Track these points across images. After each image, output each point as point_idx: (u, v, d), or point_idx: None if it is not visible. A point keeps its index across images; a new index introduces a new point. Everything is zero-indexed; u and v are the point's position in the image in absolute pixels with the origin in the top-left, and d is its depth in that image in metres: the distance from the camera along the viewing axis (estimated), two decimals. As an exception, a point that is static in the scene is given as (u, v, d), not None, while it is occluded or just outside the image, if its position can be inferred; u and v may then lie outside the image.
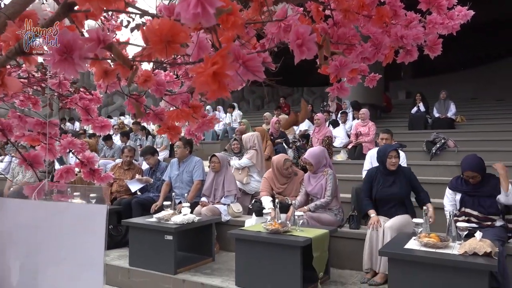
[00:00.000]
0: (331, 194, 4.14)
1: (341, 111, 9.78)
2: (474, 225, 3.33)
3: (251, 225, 4.22)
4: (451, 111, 8.85)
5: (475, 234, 2.83)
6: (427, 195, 3.80)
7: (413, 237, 3.11)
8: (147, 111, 1.35)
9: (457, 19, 1.25)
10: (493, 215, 3.39)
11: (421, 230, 3.10)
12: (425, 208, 3.37)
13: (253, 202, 4.76)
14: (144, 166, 6.29)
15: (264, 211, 4.04)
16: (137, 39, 0.96)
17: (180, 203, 4.85)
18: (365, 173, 4.85)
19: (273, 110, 10.98)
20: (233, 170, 5.67)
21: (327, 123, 8.29)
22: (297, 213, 3.66)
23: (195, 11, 0.55)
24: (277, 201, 4.03)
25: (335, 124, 8.82)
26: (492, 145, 6.86)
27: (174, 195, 4.70)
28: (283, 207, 4.20)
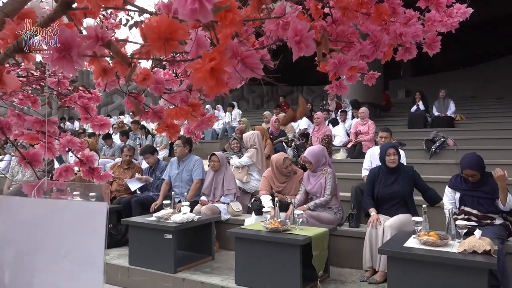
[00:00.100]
0: (330, 192, 4.15)
1: (340, 110, 9.79)
2: (473, 223, 3.33)
3: (251, 223, 4.22)
4: (451, 110, 8.85)
5: (475, 232, 2.83)
6: (435, 192, 3.79)
7: (413, 236, 3.12)
8: (146, 109, 1.35)
9: (456, 16, 1.25)
10: (492, 214, 3.39)
11: (421, 228, 3.10)
12: (424, 206, 3.36)
13: (252, 201, 4.76)
14: (143, 165, 6.30)
15: (263, 210, 4.05)
16: (136, 37, 0.96)
17: (179, 202, 4.86)
18: (368, 172, 4.87)
19: (272, 109, 10.99)
20: (233, 169, 5.67)
21: (326, 122, 8.29)
22: (297, 212, 3.66)
23: (193, 7, 0.55)
24: (276, 199, 4.03)
25: (334, 123, 8.82)
26: (491, 144, 6.86)
27: (173, 194, 4.70)
28: (283, 206, 4.21)
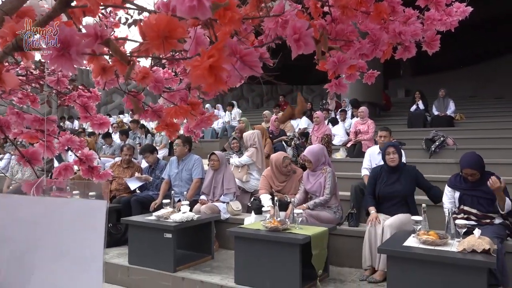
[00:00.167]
0: (330, 192, 4.15)
1: (340, 109, 9.79)
2: (473, 222, 3.33)
3: (250, 223, 4.23)
4: (450, 109, 8.85)
5: (474, 231, 2.84)
6: (439, 190, 3.79)
7: (412, 235, 3.12)
8: (145, 108, 1.35)
9: (455, 15, 1.25)
10: (492, 213, 3.39)
11: (420, 227, 3.11)
12: (424, 205, 3.36)
13: (252, 200, 4.77)
14: (143, 164, 6.30)
15: (263, 209, 4.05)
16: (135, 36, 0.96)
17: (179, 201, 4.86)
18: (367, 171, 4.88)
19: (272, 108, 10.99)
20: (233, 168, 5.67)
21: (326, 121, 8.29)
22: (296, 211, 3.66)
23: (191, 4, 0.55)
24: (276, 199, 4.03)
25: (334, 122, 8.82)
26: (491, 143, 6.87)
27: (173, 193, 4.70)
28: (282, 205, 4.21)
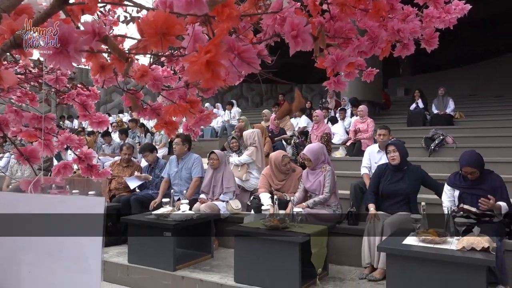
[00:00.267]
0: (329, 190, 4.15)
1: (340, 108, 9.78)
2: (472, 220, 3.33)
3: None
4: (450, 108, 8.85)
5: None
6: None
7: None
8: (144, 106, 1.35)
9: (454, 13, 1.24)
10: (491, 211, 3.39)
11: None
12: (423, 204, 3.36)
13: (251, 198, 4.77)
14: (143, 163, 6.29)
15: (262, 208, 4.05)
16: (133, 34, 0.96)
17: (179, 200, 4.85)
18: (366, 170, 4.88)
19: (271, 107, 10.99)
20: (232, 167, 5.67)
21: (325, 120, 8.29)
22: (296, 210, 3.67)
23: (188, -1, 0.55)
24: (275, 197, 4.04)
25: (333, 121, 8.82)
26: (491, 141, 6.86)
27: (173, 192, 4.69)
28: (282, 204, 4.21)
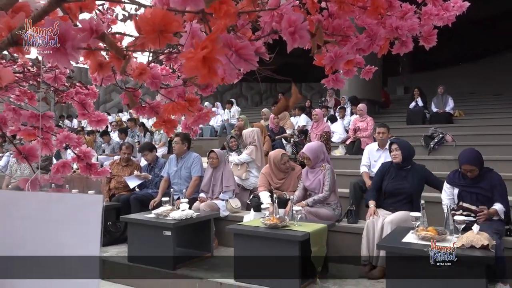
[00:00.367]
0: (329, 188, 4.15)
1: (339, 107, 9.77)
2: (471, 218, 3.34)
3: (250, 220, 4.22)
4: (449, 106, 8.85)
5: (473, 227, 2.84)
6: None
7: (411, 231, 3.12)
8: (142, 104, 1.35)
9: (452, 10, 1.24)
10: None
11: (419, 224, 3.11)
12: (423, 202, 3.36)
13: (251, 197, 4.77)
14: (142, 162, 6.29)
15: (262, 206, 4.05)
16: (132, 32, 0.96)
17: (178, 199, 4.86)
18: (365, 168, 4.89)
19: (271, 106, 10.99)
20: (232, 166, 5.67)
21: (325, 118, 8.29)
22: (295, 208, 3.66)
23: (184, -5, 0.55)
24: (275, 196, 4.04)
25: (333, 119, 8.82)
26: (490, 140, 6.87)
27: (172, 191, 4.69)
28: (281, 202, 4.21)
